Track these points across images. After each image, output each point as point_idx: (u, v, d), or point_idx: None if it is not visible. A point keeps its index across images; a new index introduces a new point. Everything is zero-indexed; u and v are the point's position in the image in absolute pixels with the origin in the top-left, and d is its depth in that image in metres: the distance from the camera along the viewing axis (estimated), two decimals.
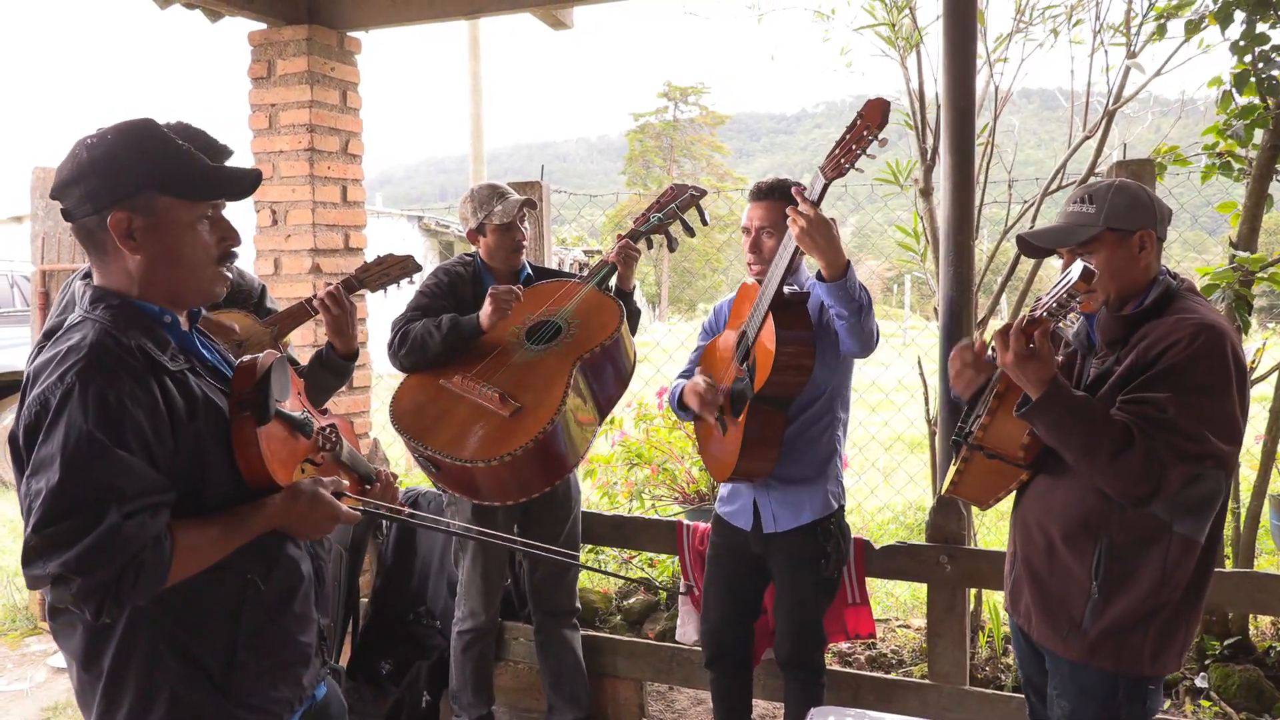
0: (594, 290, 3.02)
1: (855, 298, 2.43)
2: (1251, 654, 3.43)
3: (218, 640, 1.62)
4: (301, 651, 1.75)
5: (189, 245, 1.59)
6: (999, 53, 3.95)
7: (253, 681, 1.65)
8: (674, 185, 3.21)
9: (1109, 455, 1.89)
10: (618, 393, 3.06)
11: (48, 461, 1.44)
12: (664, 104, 47.59)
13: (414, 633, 3.56)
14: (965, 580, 3.04)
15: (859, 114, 2.23)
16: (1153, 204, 2.08)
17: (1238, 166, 3.50)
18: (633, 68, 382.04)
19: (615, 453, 4.82)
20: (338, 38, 4.05)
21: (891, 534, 5.90)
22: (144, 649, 1.57)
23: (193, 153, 1.58)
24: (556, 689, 3.30)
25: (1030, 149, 24.89)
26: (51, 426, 1.45)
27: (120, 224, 1.53)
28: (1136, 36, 3.73)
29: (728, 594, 2.93)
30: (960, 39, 2.90)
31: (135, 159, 1.54)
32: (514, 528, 3.23)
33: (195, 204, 1.59)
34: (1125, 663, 2.04)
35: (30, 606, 4.89)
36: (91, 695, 1.61)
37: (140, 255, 1.56)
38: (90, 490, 1.43)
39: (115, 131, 1.56)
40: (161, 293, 1.61)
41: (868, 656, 3.82)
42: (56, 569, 1.41)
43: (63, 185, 1.56)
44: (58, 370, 1.48)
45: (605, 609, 4.06)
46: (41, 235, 4.56)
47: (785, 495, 2.75)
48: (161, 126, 1.59)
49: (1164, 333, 1.95)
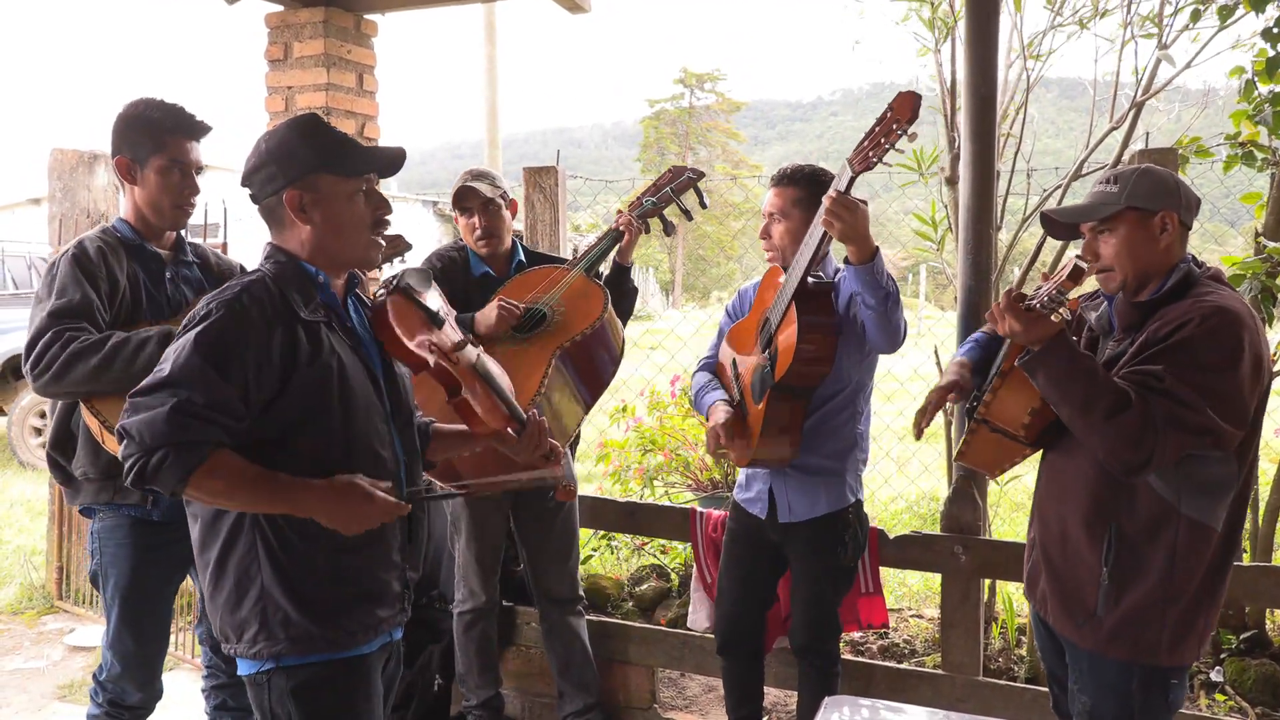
0: (581, 275, 2.99)
1: (883, 284, 2.39)
2: (1268, 649, 3.41)
3: (304, 555, 1.81)
4: (381, 587, 1.92)
5: (348, 214, 1.88)
6: (1035, 48, 3.90)
7: (329, 600, 1.84)
8: (672, 168, 3.16)
9: (1104, 412, 1.89)
10: (606, 378, 3.01)
11: (169, 354, 1.74)
12: (680, 90, 47.38)
13: (426, 616, 3.56)
14: (980, 571, 3.02)
15: (889, 107, 2.20)
16: (1178, 188, 2.06)
17: (1261, 156, 3.46)
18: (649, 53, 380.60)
19: (629, 439, 4.81)
20: (354, 20, 4.04)
21: (905, 523, 5.89)
22: (243, 547, 1.81)
23: (349, 138, 1.90)
24: (565, 676, 3.30)
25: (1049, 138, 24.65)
26: (185, 332, 1.75)
27: (294, 200, 1.84)
28: (1169, 26, 3.68)
29: (742, 581, 2.92)
30: (982, 26, 2.87)
31: (302, 146, 1.85)
32: (507, 513, 3.23)
33: (350, 179, 1.87)
34: (1142, 653, 2.02)
35: (47, 585, 4.93)
36: (203, 577, 1.87)
37: (310, 226, 1.86)
38: (177, 386, 1.69)
39: (286, 125, 1.88)
40: (326, 258, 1.90)
41: (880, 646, 3.81)
42: (124, 425, 1.69)
43: (249, 174, 1.88)
44: (215, 297, 1.79)
45: (617, 595, 4.06)
46: (59, 216, 4.57)
47: (802, 484, 2.73)
48: (324, 119, 1.91)
49: (1177, 315, 1.95)
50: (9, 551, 5.72)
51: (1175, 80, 3.73)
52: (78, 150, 4.58)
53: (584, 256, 3.04)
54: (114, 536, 2.54)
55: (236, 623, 1.83)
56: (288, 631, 1.81)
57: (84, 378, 2.29)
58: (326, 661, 1.85)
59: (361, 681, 1.90)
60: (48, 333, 2.32)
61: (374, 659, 1.94)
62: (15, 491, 7.29)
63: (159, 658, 2.67)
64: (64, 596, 4.85)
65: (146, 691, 2.64)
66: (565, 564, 3.28)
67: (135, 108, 2.52)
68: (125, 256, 2.51)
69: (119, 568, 2.54)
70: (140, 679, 2.62)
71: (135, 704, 2.64)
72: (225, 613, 1.84)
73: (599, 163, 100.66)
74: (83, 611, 4.74)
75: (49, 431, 2.59)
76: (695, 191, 3.13)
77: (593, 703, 3.29)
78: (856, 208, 2.28)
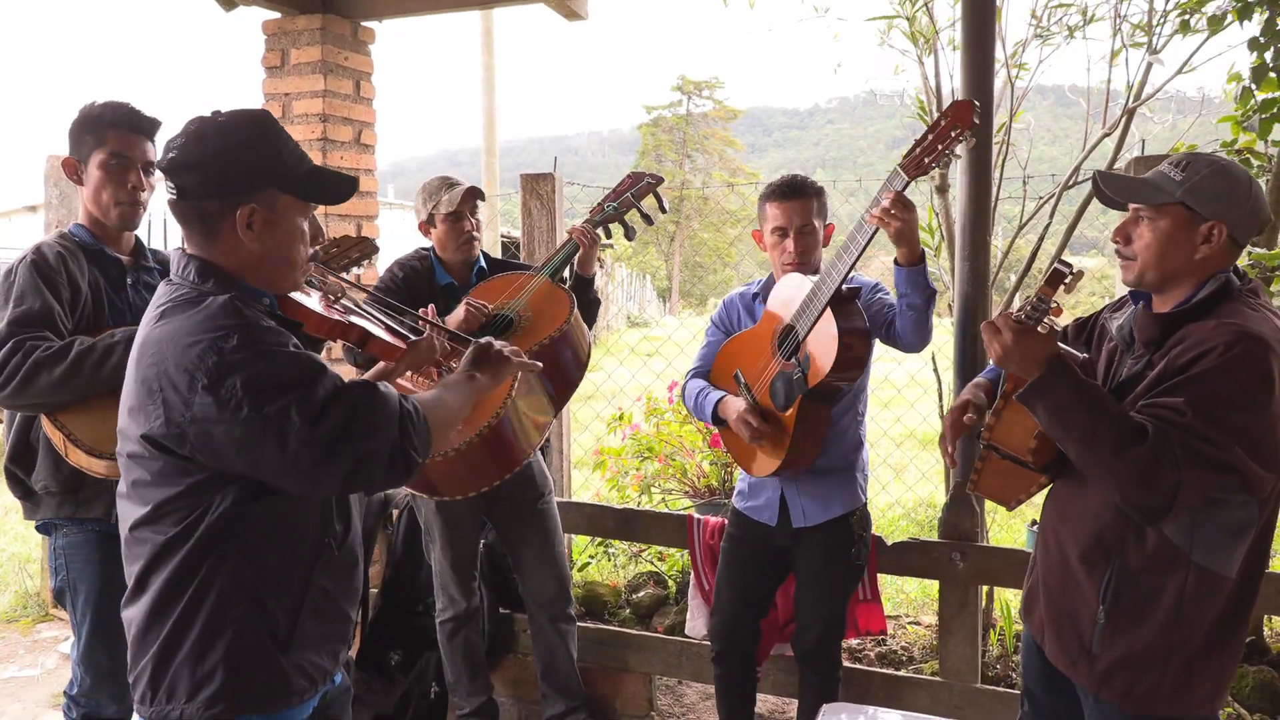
0: (546, 281, 2.98)
1: (929, 285, 2.51)
2: (1266, 655, 3.40)
3: (286, 596, 1.66)
4: (347, 625, 1.81)
5: (294, 241, 1.71)
6: (1017, 58, 3.92)
7: (306, 643, 1.69)
8: (631, 174, 3.16)
9: (1113, 447, 1.70)
10: (572, 382, 2.97)
11: (262, 432, 1.50)
12: (677, 98, 47.46)
13: (423, 624, 3.56)
14: (977, 578, 3.02)
15: (944, 113, 2.26)
16: (1246, 201, 1.83)
17: (1256, 163, 3.46)
18: (647, 61, 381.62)
19: (625, 445, 4.81)
20: (351, 27, 4.05)
21: (903, 530, 5.88)
22: (219, 592, 1.60)
23: (303, 153, 1.72)
24: (548, 679, 3.29)
25: (1044, 145, 24.79)
26: (229, 403, 1.49)
27: (244, 216, 1.62)
28: (1159, 33, 3.69)
29: (743, 589, 2.92)
30: (978, 35, 2.88)
31: (266, 154, 1.64)
32: (481, 518, 3.22)
33: (305, 204, 1.71)
34: (1140, 702, 1.87)
35: (41, 593, 4.92)
36: (157, 629, 1.62)
37: (255, 246, 1.66)
38: (316, 383, 1.55)
39: (245, 118, 1.65)
40: (261, 280, 1.71)
41: (878, 653, 3.80)
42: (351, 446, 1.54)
43: (182, 166, 1.62)
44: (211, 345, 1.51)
45: (614, 602, 4.05)
46: (56, 223, 4.57)
47: (816, 488, 2.75)
48: (277, 122, 1.70)
49: (1201, 338, 1.76)
50: (3, 559, 5.72)
51: (1172, 87, 3.75)
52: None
53: (546, 263, 3.05)
54: (80, 551, 2.48)
55: (196, 678, 1.60)
56: (258, 686, 1.63)
57: (48, 388, 2.21)
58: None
59: None
60: (8, 342, 2.23)
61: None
62: (8, 499, 7.27)
63: None
64: (58, 604, 4.83)
65: (122, 704, 2.57)
66: (549, 563, 3.25)
67: (84, 109, 2.47)
68: (85, 261, 2.44)
69: (88, 581, 2.48)
70: (115, 691, 2.54)
71: (111, 716, 2.58)
72: (183, 664, 1.60)
73: (596, 170, 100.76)
74: None
75: (6, 445, 2.48)
76: (655, 196, 3.14)
77: (576, 705, 3.28)
78: (914, 208, 2.37)
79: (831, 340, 2.50)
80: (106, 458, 2.26)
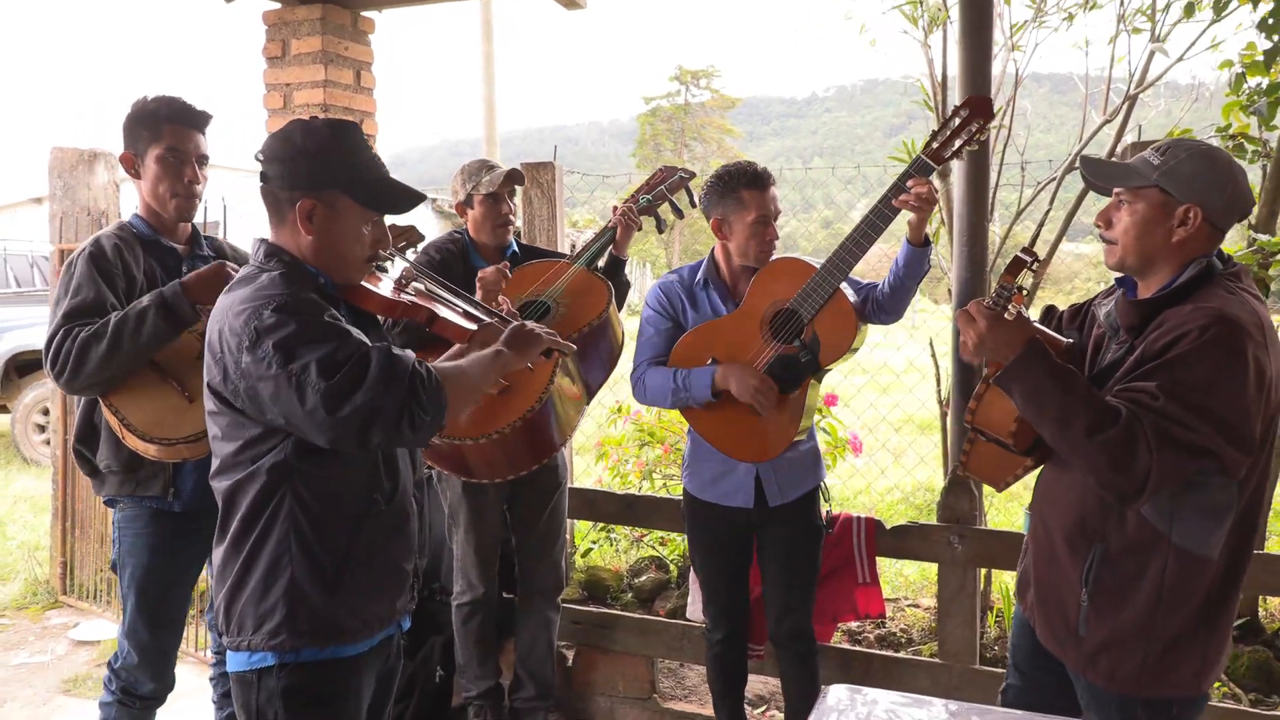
0: (583, 270, 3.01)
1: (929, 264, 2.66)
2: (1260, 635, 3.44)
3: (338, 545, 1.84)
4: (401, 576, 1.97)
5: (351, 241, 1.89)
6: (1016, 39, 3.94)
7: (357, 590, 1.86)
8: (664, 167, 3.21)
9: (1086, 430, 1.73)
10: (606, 372, 3.03)
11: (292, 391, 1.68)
12: (675, 87, 47.44)
13: (428, 609, 3.58)
14: (976, 560, 3.06)
15: (961, 106, 2.38)
16: (1224, 186, 1.83)
17: (1251, 149, 3.48)
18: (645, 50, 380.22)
19: (625, 433, 4.84)
20: (352, 17, 4.07)
21: (901, 514, 5.93)
22: (278, 538, 1.80)
23: (379, 164, 1.90)
24: (524, 663, 3.32)
25: (1041, 133, 24.71)
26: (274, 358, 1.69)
27: (305, 208, 1.83)
28: (1162, 20, 3.70)
29: (731, 576, 2.96)
30: (976, 20, 2.89)
31: (337, 159, 1.83)
32: (504, 506, 3.24)
33: (367, 210, 1.88)
34: (1125, 683, 1.89)
35: (51, 580, 4.96)
36: (225, 565, 1.85)
37: (311, 237, 1.85)
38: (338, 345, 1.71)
39: (330, 128, 1.85)
40: (321, 266, 1.89)
41: (877, 635, 3.84)
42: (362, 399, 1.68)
43: (271, 157, 1.84)
44: (260, 307, 1.72)
45: (616, 586, 4.10)
46: (60, 214, 4.59)
47: (791, 465, 2.80)
48: (363, 133, 1.90)
49: (1177, 322, 1.77)
50: (13, 547, 5.76)
51: (1164, 75, 3.77)
52: (77, 149, 4.60)
53: (584, 251, 3.06)
54: (132, 526, 2.58)
55: (259, 612, 1.81)
56: (311, 623, 1.81)
57: (99, 363, 2.32)
58: (319, 663, 1.84)
59: (351, 686, 1.91)
60: (59, 332, 2.36)
61: (368, 660, 1.93)
62: (19, 487, 7.33)
63: (173, 649, 2.69)
64: (68, 591, 4.88)
65: (159, 682, 2.67)
66: (550, 552, 3.29)
67: (137, 104, 2.55)
68: (142, 252, 2.55)
69: (136, 558, 2.57)
70: (154, 669, 2.64)
71: (147, 694, 2.66)
72: (249, 602, 1.82)
73: (595, 159, 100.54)
74: (87, 606, 4.77)
75: (74, 427, 2.62)
76: (686, 191, 3.18)
77: (544, 693, 3.32)
78: (938, 191, 2.50)
79: (849, 318, 2.60)
80: (156, 442, 2.38)
